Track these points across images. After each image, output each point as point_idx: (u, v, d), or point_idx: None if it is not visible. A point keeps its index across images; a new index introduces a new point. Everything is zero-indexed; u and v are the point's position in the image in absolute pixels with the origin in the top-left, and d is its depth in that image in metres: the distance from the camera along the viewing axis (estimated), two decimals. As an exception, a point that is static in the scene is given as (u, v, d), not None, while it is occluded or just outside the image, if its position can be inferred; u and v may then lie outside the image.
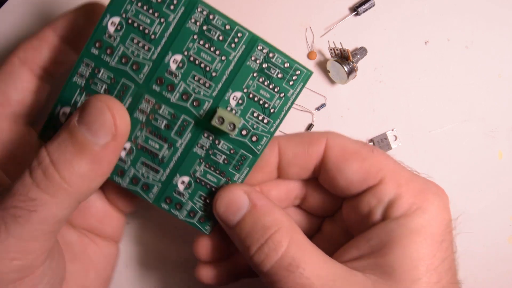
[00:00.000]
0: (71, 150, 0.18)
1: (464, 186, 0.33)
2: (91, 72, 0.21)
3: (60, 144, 0.18)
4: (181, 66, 0.21)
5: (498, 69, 0.32)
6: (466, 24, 0.32)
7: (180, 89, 0.21)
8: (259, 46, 0.21)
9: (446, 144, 0.32)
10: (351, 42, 0.31)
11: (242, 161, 0.22)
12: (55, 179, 0.17)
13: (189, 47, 0.20)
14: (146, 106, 0.21)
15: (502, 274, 0.34)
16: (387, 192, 0.21)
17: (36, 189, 0.17)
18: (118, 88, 0.21)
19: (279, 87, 0.21)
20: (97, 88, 0.21)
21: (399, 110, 0.32)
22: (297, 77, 0.21)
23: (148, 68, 0.21)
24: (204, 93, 0.21)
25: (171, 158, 0.22)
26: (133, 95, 0.21)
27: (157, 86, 0.21)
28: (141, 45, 0.20)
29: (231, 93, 0.21)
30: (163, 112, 0.21)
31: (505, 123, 0.33)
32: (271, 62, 0.21)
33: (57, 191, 0.17)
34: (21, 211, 0.17)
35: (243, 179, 0.22)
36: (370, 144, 0.23)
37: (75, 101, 0.21)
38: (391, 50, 0.32)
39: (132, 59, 0.20)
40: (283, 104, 0.21)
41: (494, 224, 0.33)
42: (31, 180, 0.17)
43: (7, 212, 0.17)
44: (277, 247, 0.19)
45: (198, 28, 0.20)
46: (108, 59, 0.20)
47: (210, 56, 0.21)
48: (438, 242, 0.20)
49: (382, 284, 0.19)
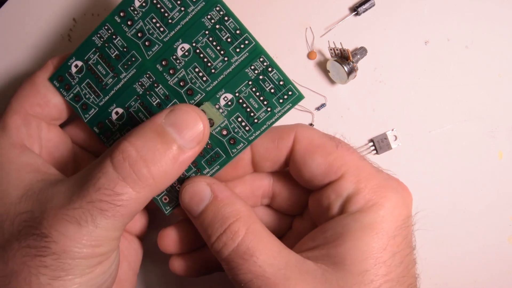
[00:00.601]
0: (160, 148, 0.19)
1: (464, 186, 0.33)
2: (109, 36, 0.22)
3: (147, 141, 0.19)
4: (187, 55, 0.22)
5: (498, 69, 0.32)
6: (466, 24, 0.32)
7: (179, 75, 0.22)
8: (261, 58, 0.22)
9: (446, 144, 0.32)
10: (351, 42, 0.31)
11: (215, 158, 0.23)
12: (143, 175, 0.19)
13: (198, 40, 0.22)
14: (146, 81, 0.23)
15: (502, 274, 0.34)
16: (346, 187, 0.22)
17: (122, 184, 0.18)
18: (127, 57, 0.22)
19: (268, 101, 0.22)
20: (110, 52, 0.22)
21: (399, 110, 0.32)
22: (288, 97, 0.22)
23: (158, 48, 0.22)
24: (200, 86, 0.22)
25: None
26: (137, 68, 0.22)
27: (160, 66, 0.22)
28: (158, 25, 0.22)
29: (223, 93, 0.22)
30: (159, 91, 0.23)
31: (505, 123, 0.33)
32: (268, 76, 0.22)
33: (143, 186, 0.19)
34: (107, 205, 0.18)
35: (211, 174, 0.23)
36: (338, 138, 0.23)
37: (88, 58, 0.23)
38: (391, 50, 0.32)
39: (146, 35, 0.22)
40: (267, 118, 0.22)
41: (494, 224, 0.33)
42: (116, 174, 0.18)
43: (93, 205, 0.18)
44: (234, 236, 0.20)
45: (211, 25, 0.22)
46: (127, 29, 0.22)
47: (215, 54, 0.22)
48: (390, 237, 0.20)
49: (331, 274, 0.20)
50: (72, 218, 0.18)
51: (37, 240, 0.18)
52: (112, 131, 0.23)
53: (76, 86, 0.23)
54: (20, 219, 0.19)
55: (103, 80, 0.23)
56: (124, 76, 0.23)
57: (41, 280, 0.17)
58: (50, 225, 0.18)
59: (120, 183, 0.18)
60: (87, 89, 0.23)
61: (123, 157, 0.19)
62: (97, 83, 0.23)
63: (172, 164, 0.19)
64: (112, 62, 0.23)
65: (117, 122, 0.23)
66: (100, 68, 0.23)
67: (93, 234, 0.18)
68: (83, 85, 0.23)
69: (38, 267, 0.17)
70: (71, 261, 0.18)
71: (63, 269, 0.17)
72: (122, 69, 0.23)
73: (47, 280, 0.17)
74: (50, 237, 0.18)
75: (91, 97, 0.23)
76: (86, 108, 0.23)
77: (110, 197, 0.18)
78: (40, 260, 0.17)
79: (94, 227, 0.18)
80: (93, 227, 0.18)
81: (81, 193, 0.18)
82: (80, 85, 0.23)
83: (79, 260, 0.18)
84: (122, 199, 0.18)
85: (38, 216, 0.18)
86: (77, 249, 0.18)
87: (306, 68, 0.32)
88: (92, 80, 0.23)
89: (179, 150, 0.20)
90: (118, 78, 0.23)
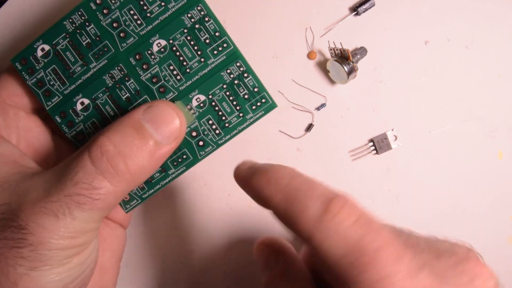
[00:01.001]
0: (137, 144, 0.19)
1: (464, 186, 0.33)
2: (82, 22, 0.22)
3: (125, 136, 0.19)
4: (163, 51, 0.22)
5: (498, 69, 0.32)
6: (466, 24, 0.32)
7: (153, 71, 0.22)
8: (238, 63, 0.22)
9: (446, 144, 0.32)
10: (351, 42, 0.31)
11: (183, 159, 0.23)
12: (120, 169, 0.19)
13: (176, 37, 0.22)
14: (117, 73, 0.22)
15: (502, 274, 0.33)
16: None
17: (100, 178, 0.19)
18: (99, 47, 0.22)
19: (241, 106, 0.22)
20: (81, 39, 0.22)
21: (399, 110, 0.32)
22: (261, 104, 0.22)
23: (133, 40, 0.22)
24: (173, 84, 0.22)
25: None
26: (109, 59, 0.22)
27: (134, 60, 0.22)
28: (135, 18, 0.22)
29: (196, 94, 0.22)
30: (130, 85, 0.22)
31: (505, 123, 0.33)
32: (243, 81, 0.22)
33: (120, 181, 0.19)
34: (85, 199, 0.18)
35: (177, 175, 0.23)
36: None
37: (57, 42, 0.22)
38: (391, 50, 0.32)
39: (122, 27, 0.22)
40: (239, 124, 0.23)
41: (494, 224, 0.33)
42: (94, 169, 0.19)
43: (70, 198, 0.18)
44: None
45: (191, 24, 0.21)
46: (102, 18, 0.22)
47: (191, 53, 0.22)
48: None
49: None
50: (50, 210, 0.18)
51: (14, 232, 0.18)
52: (76, 121, 0.23)
53: (40, 71, 0.22)
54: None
55: (71, 67, 0.22)
56: (94, 66, 0.22)
57: (18, 270, 0.18)
58: (27, 217, 0.18)
59: (98, 177, 0.19)
60: (52, 75, 0.22)
61: (101, 152, 0.19)
62: (64, 70, 0.22)
63: (149, 159, 0.20)
64: (83, 50, 0.22)
65: (81, 113, 0.23)
66: (68, 55, 0.22)
67: (70, 226, 0.18)
68: (48, 71, 0.22)
69: (15, 258, 0.18)
70: (48, 252, 0.18)
71: (40, 260, 0.18)
72: (92, 58, 0.22)
73: (24, 270, 0.18)
74: (27, 229, 0.18)
75: (56, 84, 0.22)
76: (49, 95, 0.22)
77: (88, 191, 0.18)
78: (17, 251, 0.18)
79: (72, 219, 0.18)
80: (70, 220, 0.18)
81: (59, 187, 0.19)
82: (45, 70, 0.22)
83: (56, 251, 0.18)
84: (100, 193, 0.19)
85: (16, 208, 0.18)
86: (54, 241, 0.18)
87: (306, 68, 0.32)
88: (58, 67, 0.22)
89: (156, 145, 0.20)
90: (87, 67, 0.22)
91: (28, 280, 0.18)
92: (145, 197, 0.24)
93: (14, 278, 0.18)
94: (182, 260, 0.32)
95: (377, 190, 0.32)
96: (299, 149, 0.32)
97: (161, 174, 0.23)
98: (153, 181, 0.23)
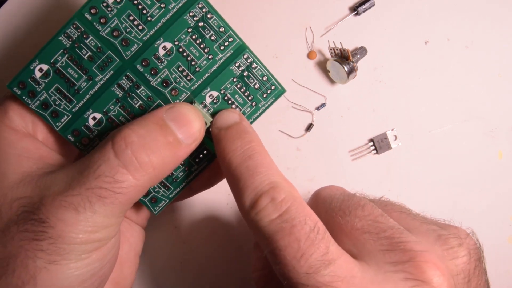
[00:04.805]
0: (160, 139, 0.20)
1: (464, 186, 0.33)
2: (79, 35, 0.21)
3: (150, 131, 0.20)
4: (169, 54, 0.21)
5: (498, 69, 0.32)
6: (466, 24, 0.32)
7: (162, 75, 0.22)
8: (245, 55, 0.22)
9: (446, 144, 0.32)
10: (351, 42, 0.31)
11: (203, 154, 0.23)
12: (144, 162, 0.19)
13: (181, 38, 0.21)
14: (125, 82, 0.22)
15: (502, 274, 0.33)
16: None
17: (123, 171, 0.18)
18: (102, 59, 0.21)
19: (253, 96, 0.23)
20: (81, 53, 0.21)
21: (399, 110, 0.32)
22: (271, 92, 0.23)
23: (137, 47, 0.21)
24: (184, 85, 0.22)
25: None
26: (115, 69, 0.21)
27: (141, 67, 0.21)
28: (136, 23, 0.21)
29: (208, 91, 0.22)
30: (141, 92, 0.22)
31: (505, 123, 0.33)
32: (252, 72, 0.22)
33: (143, 175, 0.19)
34: (106, 192, 0.18)
35: (199, 172, 0.23)
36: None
37: (55, 60, 0.21)
38: (391, 50, 0.32)
39: (123, 34, 0.21)
40: (253, 113, 0.23)
41: (494, 224, 0.33)
42: (117, 161, 0.19)
43: (92, 192, 0.18)
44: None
45: (194, 23, 0.21)
46: (100, 28, 0.21)
47: (199, 52, 0.22)
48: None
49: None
50: (70, 204, 0.18)
51: (35, 225, 0.18)
52: (90, 137, 0.22)
53: (42, 93, 0.21)
54: (18, 204, 0.19)
55: (75, 84, 0.21)
56: (100, 79, 0.21)
57: (37, 263, 0.18)
58: (48, 210, 0.18)
59: (121, 170, 0.19)
60: (56, 94, 0.21)
61: (125, 143, 0.19)
62: (69, 87, 0.21)
63: (171, 156, 0.20)
64: (85, 64, 0.21)
65: (95, 128, 0.22)
66: (70, 71, 0.21)
67: (90, 220, 0.18)
68: (51, 91, 0.21)
69: (35, 251, 0.18)
70: (66, 246, 0.18)
71: (58, 253, 0.18)
72: (97, 71, 0.21)
73: (43, 263, 0.18)
74: (47, 222, 0.18)
75: (62, 103, 0.21)
76: (57, 116, 0.22)
77: (110, 184, 0.18)
78: (36, 244, 0.18)
79: (92, 213, 0.18)
80: (91, 214, 0.18)
81: (81, 180, 0.19)
82: (48, 91, 0.21)
83: (75, 245, 0.18)
84: (122, 187, 0.19)
85: (37, 202, 0.19)
86: (73, 235, 0.18)
87: (306, 68, 0.32)
88: (61, 85, 0.21)
89: (177, 143, 0.20)
90: (93, 81, 0.21)
91: (46, 273, 0.18)
92: (173, 196, 0.23)
93: (33, 271, 0.18)
94: (182, 260, 0.32)
95: (377, 190, 0.32)
96: (299, 149, 0.32)
97: (184, 172, 0.23)
98: (178, 180, 0.23)
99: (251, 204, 0.19)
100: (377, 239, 0.19)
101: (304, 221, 0.18)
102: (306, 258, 0.17)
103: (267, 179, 0.19)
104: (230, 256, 0.32)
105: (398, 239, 0.19)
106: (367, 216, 0.20)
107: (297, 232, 0.18)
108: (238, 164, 0.20)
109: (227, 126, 0.21)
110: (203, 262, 0.32)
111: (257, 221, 0.18)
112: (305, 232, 0.18)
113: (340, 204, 0.21)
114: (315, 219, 0.19)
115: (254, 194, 0.19)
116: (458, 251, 0.20)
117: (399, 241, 0.19)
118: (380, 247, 0.19)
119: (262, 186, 0.19)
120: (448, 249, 0.20)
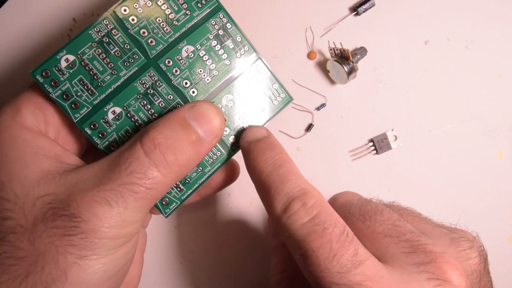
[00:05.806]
0: (184, 138, 0.21)
1: (464, 186, 0.33)
2: (109, 31, 0.22)
3: (174, 132, 0.21)
4: (191, 56, 0.23)
5: (498, 69, 0.32)
6: (466, 24, 0.32)
7: (183, 75, 0.23)
8: (259, 64, 0.24)
9: (446, 144, 0.32)
10: (351, 42, 0.31)
11: (217, 156, 0.24)
12: (172, 161, 0.20)
13: (202, 43, 0.23)
14: (148, 79, 0.23)
15: (502, 274, 0.34)
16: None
17: (153, 169, 0.20)
18: (128, 55, 0.22)
19: (263, 99, 0.24)
20: (109, 48, 0.22)
21: (399, 110, 0.32)
22: (282, 100, 0.25)
23: (162, 47, 0.23)
24: (203, 86, 0.23)
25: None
26: (139, 66, 0.22)
27: (164, 66, 0.23)
28: (163, 25, 0.22)
29: (225, 94, 0.24)
30: (162, 90, 0.23)
31: (505, 123, 0.33)
32: (262, 76, 0.24)
33: (171, 172, 0.20)
34: (139, 187, 0.19)
35: (212, 173, 0.24)
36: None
37: (83, 52, 0.22)
38: (391, 50, 0.32)
39: (151, 34, 0.22)
40: (268, 113, 0.25)
41: (494, 224, 0.33)
42: (147, 160, 0.20)
43: (125, 187, 0.19)
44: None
45: (216, 31, 0.23)
46: (129, 26, 0.22)
47: (218, 57, 0.23)
48: None
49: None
50: (103, 199, 0.19)
51: (66, 221, 0.19)
52: (108, 131, 0.22)
53: (65, 83, 0.21)
54: (42, 202, 0.19)
55: (100, 76, 0.22)
56: (124, 74, 0.22)
57: (68, 259, 0.18)
58: (79, 205, 0.19)
59: (151, 168, 0.20)
60: (79, 85, 0.22)
61: (153, 144, 0.20)
62: (92, 80, 0.22)
63: (194, 153, 0.21)
64: (111, 59, 0.22)
65: (113, 122, 0.22)
66: (96, 64, 0.22)
67: (122, 215, 0.19)
68: (74, 81, 0.22)
69: (66, 246, 0.18)
70: (98, 240, 0.19)
71: (89, 248, 0.18)
72: (122, 67, 0.22)
73: (73, 259, 0.18)
74: (80, 217, 0.19)
75: (84, 94, 0.22)
76: (77, 107, 0.22)
77: (142, 180, 0.19)
78: (68, 239, 0.18)
79: (124, 208, 0.19)
80: (123, 208, 0.19)
81: (112, 176, 0.19)
82: (71, 81, 0.21)
83: (106, 240, 0.19)
84: (153, 183, 0.20)
85: (65, 198, 0.19)
86: (105, 229, 0.19)
87: (306, 68, 0.32)
88: (85, 76, 0.22)
89: (199, 141, 0.21)
90: (117, 75, 0.22)
91: (77, 269, 0.18)
92: (184, 198, 0.24)
93: (64, 266, 0.18)
94: (182, 260, 0.32)
95: (377, 190, 0.32)
96: (299, 149, 0.32)
97: (198, 174, 0.24)
98: (190, 182, 0.24)
99: (283, 209, 0.20)
100: (398, 242, 0.20)
101: (334, 224, 0.19)
102: (338, 258, 0.18)
103: (297, 186, 0.20)
104: (230, 256, 0.32)
105: (418, 241, 0.20)
106: (386, 221, 0.21)
107: (329, 235, 0.19)
108: (269, 172, 0.21)
109: (256, 140, 0.23)
110: (203, 262, 0.32)
111: (289, 224, 0.20)
112: (336, 235, 0.19)
113: (359, 210, 0.22)
114: (343, 223, 0.20)
115: (286, 199, 0.20)
116: (470, 253, 0.21)
117: (419, 244, 0.20)
118: (402, 250, 0.20)
119: (293, 192, 0.20)
120: (461, 251, 0.21)
